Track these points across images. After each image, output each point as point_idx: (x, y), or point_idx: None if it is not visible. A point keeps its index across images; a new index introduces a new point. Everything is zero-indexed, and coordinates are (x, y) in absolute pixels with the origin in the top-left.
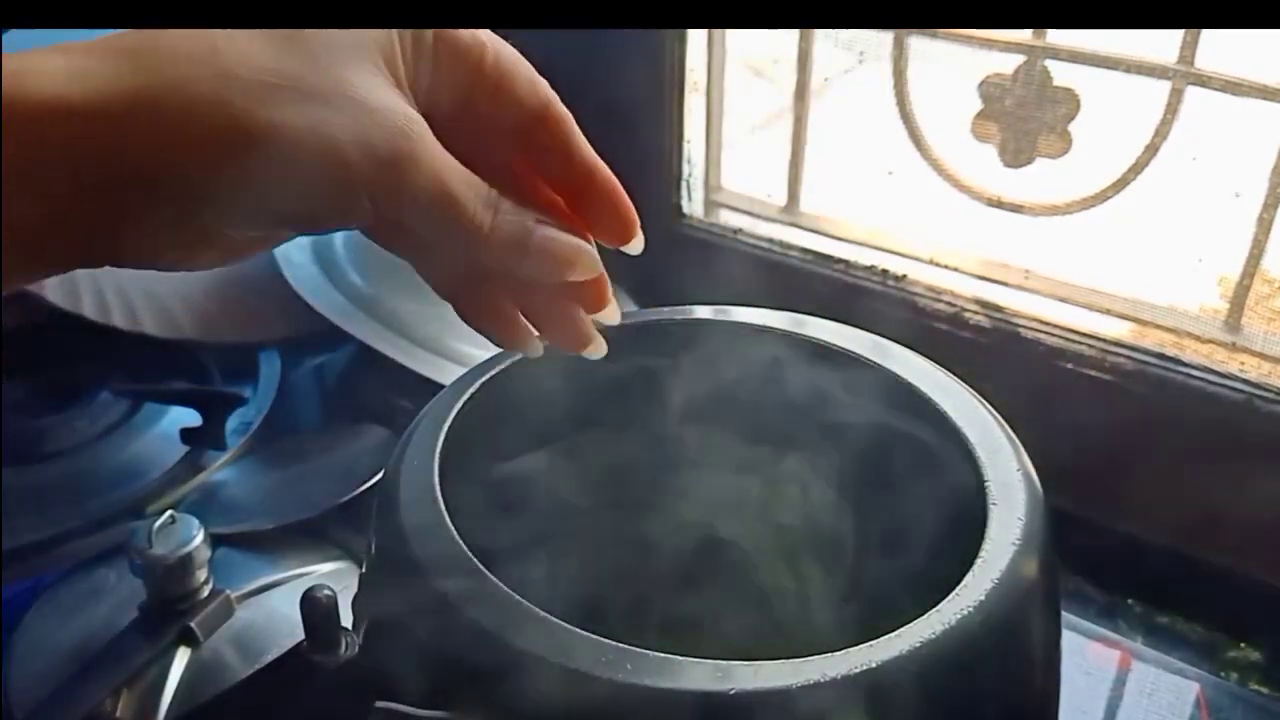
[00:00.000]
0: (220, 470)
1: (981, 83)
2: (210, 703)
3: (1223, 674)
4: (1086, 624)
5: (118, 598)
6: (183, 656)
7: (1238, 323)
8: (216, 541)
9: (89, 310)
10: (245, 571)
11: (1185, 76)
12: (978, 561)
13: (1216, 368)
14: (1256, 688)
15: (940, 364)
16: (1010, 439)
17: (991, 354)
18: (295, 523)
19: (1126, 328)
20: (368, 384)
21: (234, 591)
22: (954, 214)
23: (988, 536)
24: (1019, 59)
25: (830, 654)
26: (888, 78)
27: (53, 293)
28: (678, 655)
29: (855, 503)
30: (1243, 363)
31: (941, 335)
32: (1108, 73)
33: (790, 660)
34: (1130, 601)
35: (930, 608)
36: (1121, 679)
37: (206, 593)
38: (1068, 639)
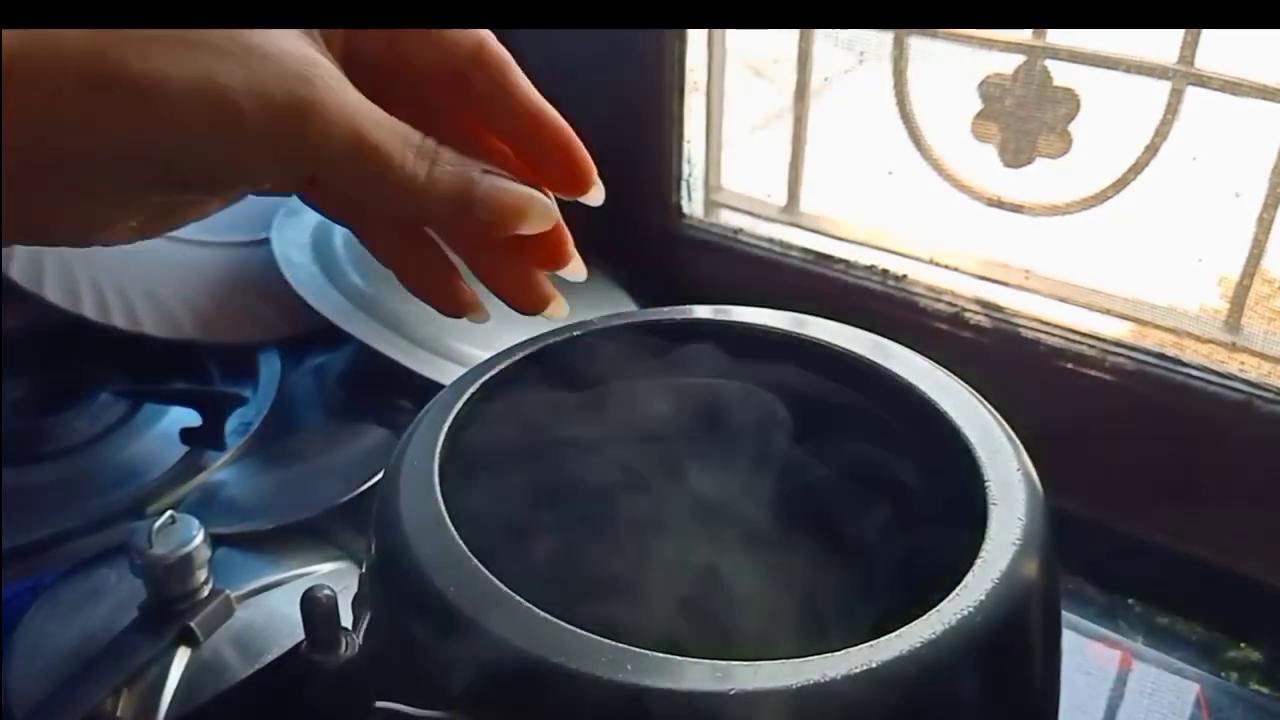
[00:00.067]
0: (220, 470)
1: (981, 83)
2: (210, 703)
3: (1223, 674)
4: (1086, 624)
5: (118, 598)
6: (183, 656)
7: (1238, 323)
8: (216, 541)
9: (89, 310)
10: (245, 571)
11: (1185, 76)
12: (978, 561)
13: (1216, 368)
14: (1256, 688)
15: (940, 364)
16: (1010, 439)
17: (991, 354)
18: (295, 523)
19: (1126, 328)
20: (368, 384)
21: (234, 591)
22: (954, 214)
23: (988, 536)
24: (1019, 59)
25: (830, 654)
26: (888, 78)
27: (53, 293)
28: (678, 655)
29: (855, 502)
30: (1243, 363)
31: (941, 335)
32: (1108, 73)
33: (790, 660)
34: (1130, 601)
35: (930, 608)
36: (1122, 679)
37: (206, 593)
38: (1068, 639)
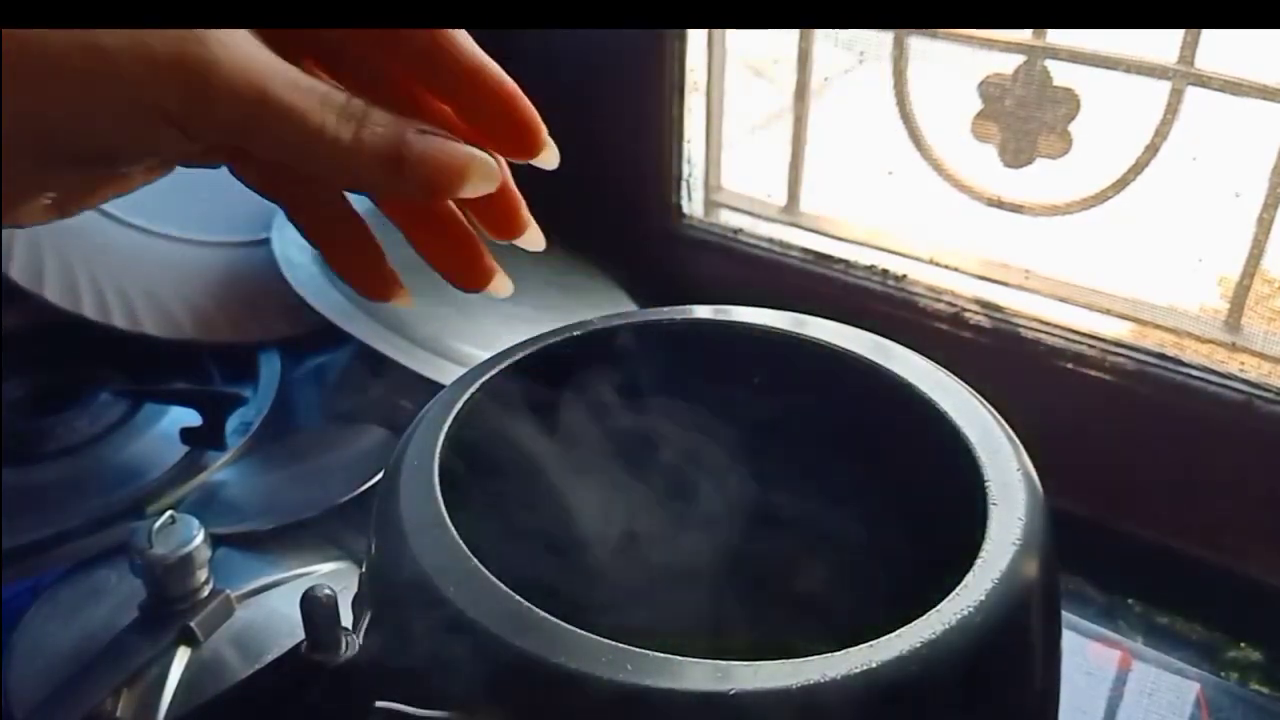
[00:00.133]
0: (220, 470)
1: (981, 83)
2: (210, 703)
3: (1223, 674)
4: (1086, 624)
5: (118, 598)
6: (183, 656)
7: (1238, 323)
8: (216, 541)
9: (89, 310)
10: (245, 571)
11: (1185, 76)
12: (978, 561)
13: (1216, 368)
14: (1256, 688)
15: (940, 364)
16: (1010, 439)
17: (991, 354)
18: (295, 523)
19: (1126, 328)
20: (368, 384)
21: (234, 591)
22: (954, 214)
23: (988, 536)
24: (1019, 59)
25: (830, 654)
26: (888, 78)
27: (52, 293)
28: (678, 655)
29: (854, 502)
30: (1243, 363)
31: (941, 335)
32: (1108, 73)
33: (790, 660)
34: (1130, 601)
35: (930, 608)
36: (1122, 679)
37: (206, 593)
38: (1068, 639)
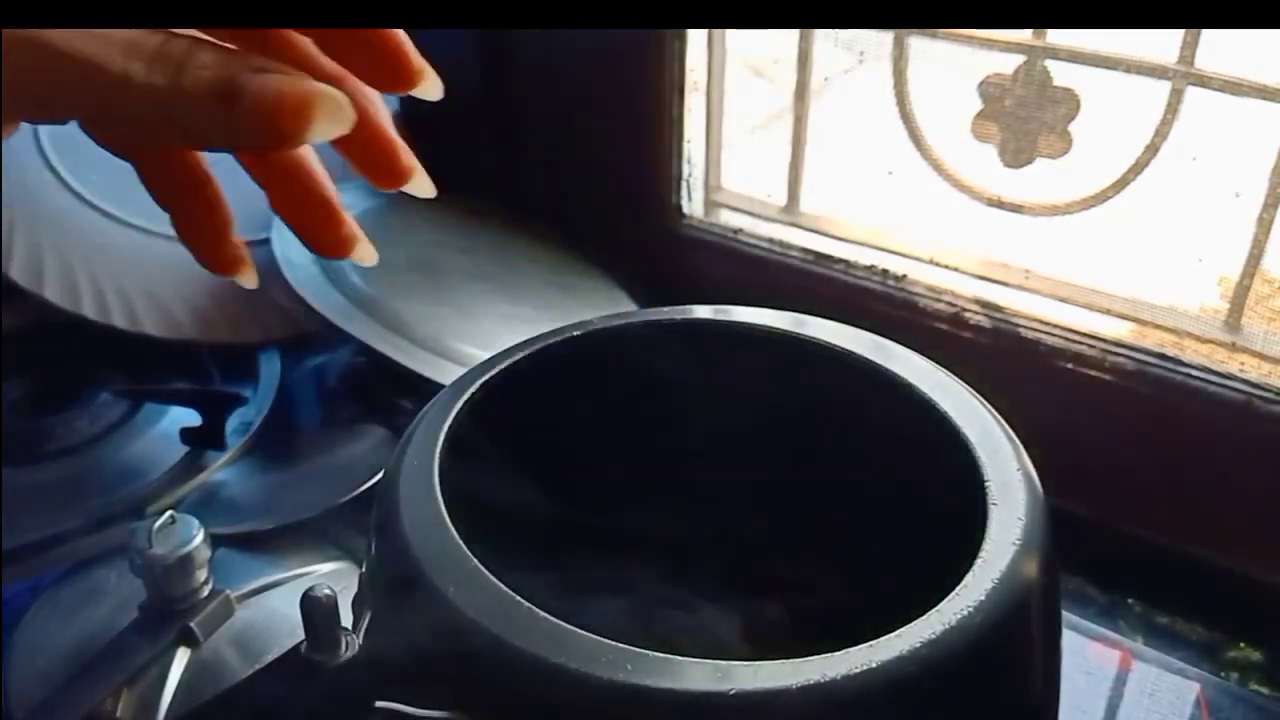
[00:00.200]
0: (220, 470)
1: (981, 83)
2: (210, 703)
3: (1223, 674)
4: (1086, 624)
5: (118, 598)
6: (183, 656)
7: (1238, 323)
8: (216, 541)
9: (89, 310)
10: (245, 571)
11: (1185, 76)
12: (978, 561)
13: (1216, 368)
14: (1256, 688)
15: (940, 364)
16: (1010, 439)
17: (991, 354)
18: (295, 523)
19: (1126, 328)
20: (368, 384)
21: (234, 591)
22: (954, 214)
23: (988, 536)
24: (1019, 59)
25: (830, 654)
26: (888, 78)
27: (52, 293)
28: (678, 655)
29: (854, 502)
30: (1243, 363)
31: (941, 335)
32: (1108, 73)
33: (790, 660)
34: (1130, 601)
35: (930, 608)
36: (1122, 679)
37: (206, 593)
38: (1068, 639)
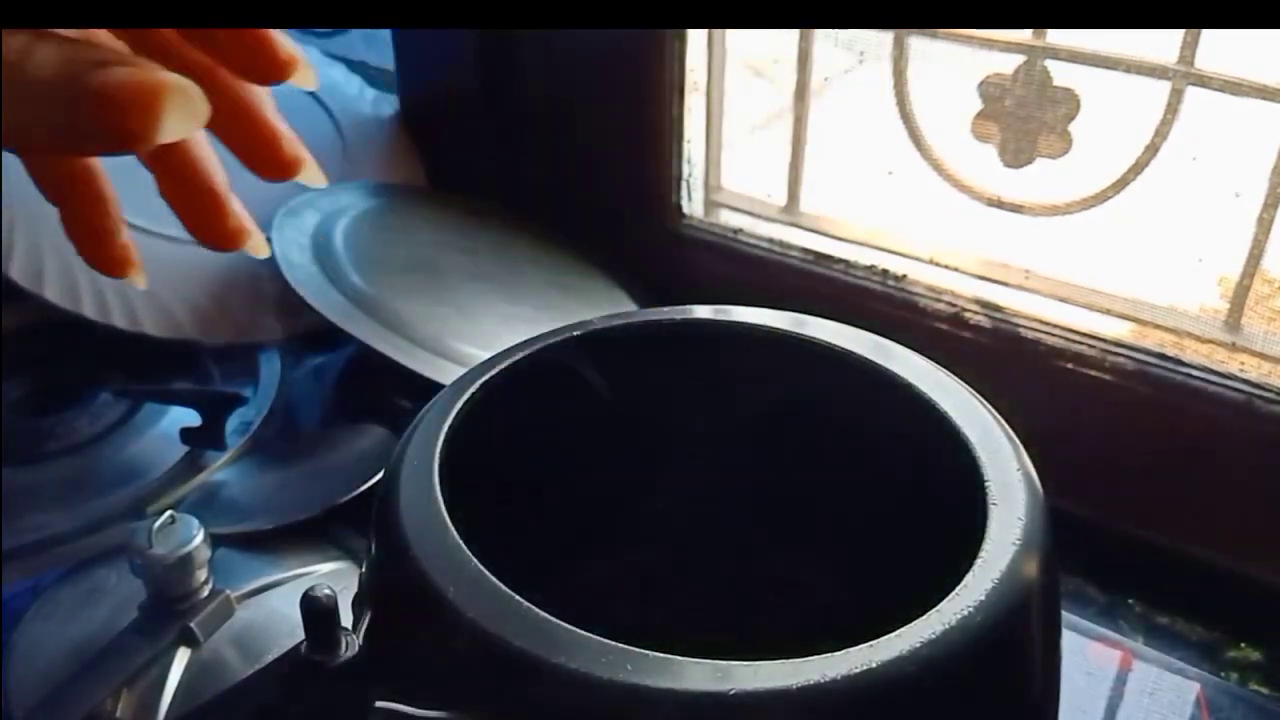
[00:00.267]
0: (220, 470)
1: (981, 83)
2: (210, 703)
3: (1223, 674)
4: (1086, 624)
5: (118, 598)
6: (183, 656)
7: (1238, 323)
8: (216, 541)
9: (89, 310)
10: (245, 571)
11: (1185, 76)
12: (978, 561)
13: (1216, 368)
14: (1256, 688)
15: (940, 364)
16: (1010, 439)
17: (991, 354)
18: (295, 523)
19: (1126, 328)
20: (368, 384)
21: (234, 591)
22: (954, 214)
23: (988, 536)
24: (1019, 59)
25: (830, 654)
26: (888, 78)
27: (52, 292)
28: (678, 655)
29: (854, 503)
30: (1243, 363)
31: (941, 335)
32: (1108, 73)
33: (790, 660)
34: (1130, 601)
35: (930, 608)
36: (1122, 679)
37: (206, 593)
38: (1068, 639)
